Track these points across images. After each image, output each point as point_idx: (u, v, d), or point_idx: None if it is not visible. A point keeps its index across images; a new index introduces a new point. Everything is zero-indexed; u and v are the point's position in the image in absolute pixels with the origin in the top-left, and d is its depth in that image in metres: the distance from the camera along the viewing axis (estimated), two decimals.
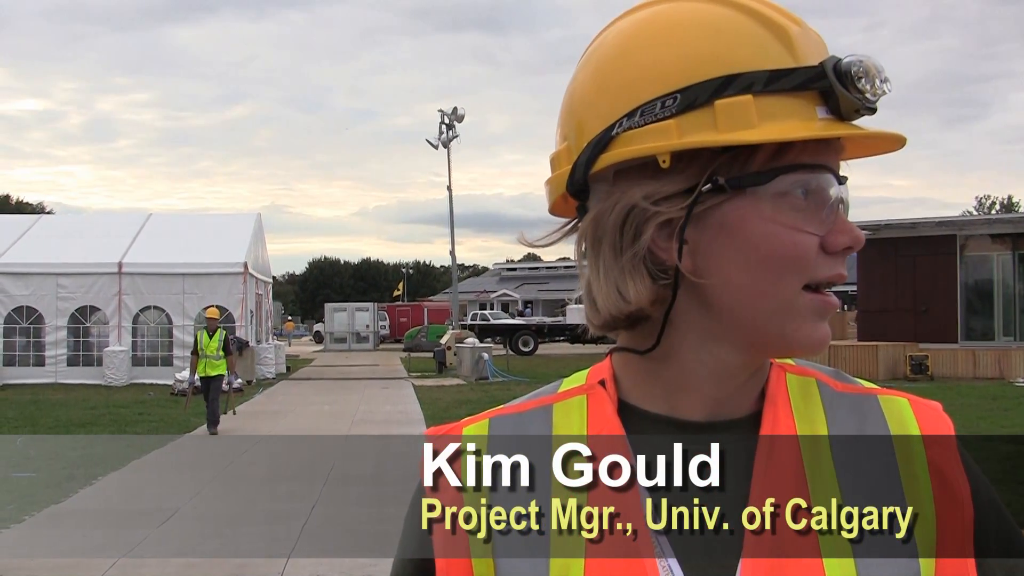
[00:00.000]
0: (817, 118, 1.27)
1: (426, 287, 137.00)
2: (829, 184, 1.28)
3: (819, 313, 1.29)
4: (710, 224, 1.29)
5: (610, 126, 1.31)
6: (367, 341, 77.92)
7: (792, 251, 1.27)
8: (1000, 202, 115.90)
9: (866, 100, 1.27)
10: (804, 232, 1.27)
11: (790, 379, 1.40)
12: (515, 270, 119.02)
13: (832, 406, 1.37)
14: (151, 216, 40.96)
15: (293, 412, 26.69)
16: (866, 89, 1.27)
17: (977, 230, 38.83)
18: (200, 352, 21.96)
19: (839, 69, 1.27)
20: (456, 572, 1.32)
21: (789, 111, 1.27)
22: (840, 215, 1.29)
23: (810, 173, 1.27)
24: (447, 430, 1.40)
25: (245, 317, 36.94)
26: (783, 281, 1.28)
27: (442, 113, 58.61)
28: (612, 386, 1.39)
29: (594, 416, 1.37)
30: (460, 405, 26.60)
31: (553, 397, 1.41)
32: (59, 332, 35.99)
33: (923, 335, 36.80)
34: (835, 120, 1.27)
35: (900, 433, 1.34)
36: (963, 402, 25.20)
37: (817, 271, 1.28)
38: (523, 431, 1.37)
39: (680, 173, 1.29)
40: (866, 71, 1.27)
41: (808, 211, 1.27)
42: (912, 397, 1.40)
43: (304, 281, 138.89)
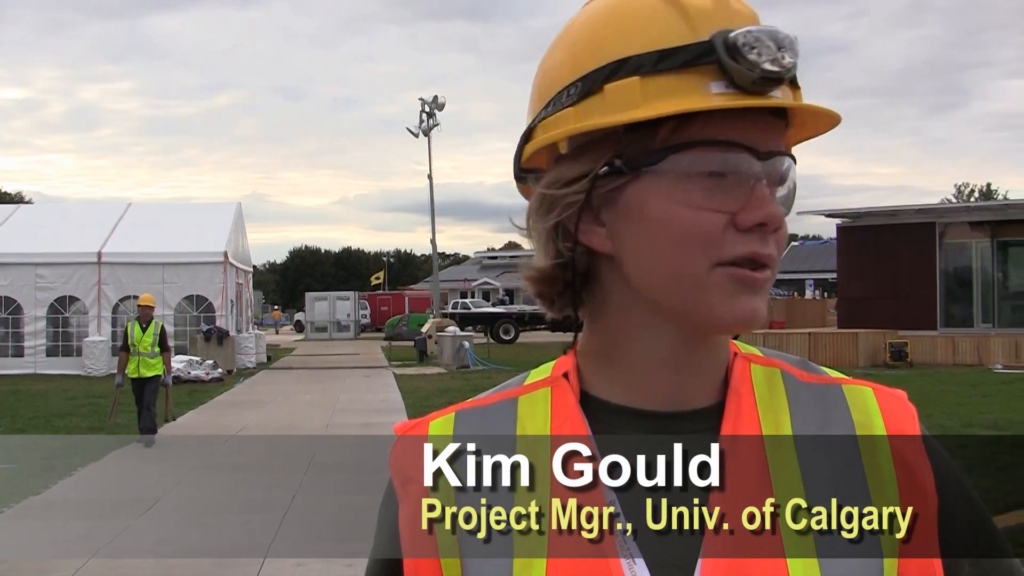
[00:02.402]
0: (711, 93, 1.26)
1: (407, 276, 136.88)
2: (741, 161, 1.27)
3: (735, 288, 1.27)
4: (620, 206, 1.31)
5: (533, 119, 1.38)
6: (348, 330, 77.81)
7: (692, 230, 1.27)
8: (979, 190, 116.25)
9: (764, 72, 1.24)
10: (707, 210, 1.26)
11: (755, 370, 1.39)
12: (496, 258, 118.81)
13: (797, 397, 1.37)
14: (131, 206, 40.87)
15: (274, 402, 26.67)
16: (759, 61, 1.24)
17: (957, 218, 38.99)
18: (131, 347, 18.43)
19: (728, 42, 1.25)
20: (424, 572, 1.31)
21: (677, 89, 1.27)
22: (756, 192, 1.27)
23: (713, 150, 1.26)
24: (413, 426, 1.41)
25: (225, 307, 36.90)
26: (689, 260, 1.28)
27: (423, 101, 58.54)
28: (575, 378, 1.39)
29: (557, 410, 1.37)
30: (441, 394, 26.62)
31: (519, 390, 1.42)
32: (38, 322, 35.90)
33: (903, 322, 36.92)
34: (737, 94, 1.26)
35: (864, 422, 1.34)
36: (942, 389, 25.30)
37: (726, 249, 1.26)
38: (488, 426, 1.37)
39: (584, 157, 1.33)
40: (756, 41, 1.25)
41: (718, 189, 1.26)
42: (876, 386, 1.39)
43: (285, 270, 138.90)
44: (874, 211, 39.26)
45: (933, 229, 37.94)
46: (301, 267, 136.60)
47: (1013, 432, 17.37)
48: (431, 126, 58.29)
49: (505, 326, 57.47)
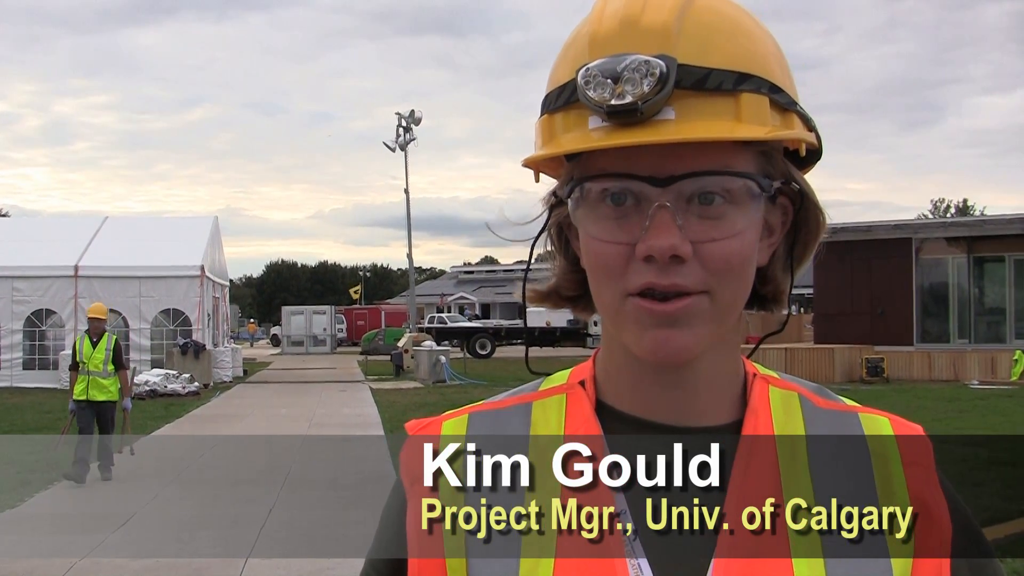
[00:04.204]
0: (588, 130, 1.27)
1: (383, 290, 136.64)
2: (637, 190, 1.25)
3: (644, 319, 1.27)
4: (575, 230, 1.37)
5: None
6: (324, 344, 77.57)
7: (597, 261, 1.29)
8: (955, 205, 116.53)
9: (611, 107, 1.23)
10: (610, 242, 1.27)
11: (772, 392, 1.39)
12: (472, 273, 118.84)
13: (813, 421, 1.37)
14: (107, 219, 40.69)
15: (250, 415, 26.58)
16: (602, 97, 1.23)
17: (932, 233, 39.07)
18: (80, 365, 15.97)
19: (577, 80, 1.26)
20: (430, 572, 1.32)
21: (567, 125, 1.30)
22: (654, 221, 1.24)
23: (610, 181, 1.27)
24: (425, 426, 1.42)
25: (202, 320, 36.78)
26: (604, 289, 1.30)
27: (399, 116, 58.56)
28: (591, 386, 1.40)
29: (572, 416, 1.37)
30: (417, 408, 26.56)
31: (533, 395, 1.43)
32: (14, 336, 35.72)
33: (879, 338, 37.01)
34: (610, 127, 1.25)
35: (879, 451, 1.33)
36: (919, 404, 25.35)
37: (630, 280, 1.26)
38: (501, 428, 1.38)
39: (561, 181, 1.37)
40: (592, 78, 1.24)
41: (622, 219, 1.27)
42: (894, 417, 1.40)
43: (261, 284, 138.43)
44: (850, 226, 39.34)
45: (909, 245, 38.04)
46: (277, 281, 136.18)
47: (989, 448, 17.43)
48: (408, 140, 58.32)
49: (481, 341, 57.41)
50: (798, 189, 1.35)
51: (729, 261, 1.26)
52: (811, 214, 1.39)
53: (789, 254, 1.40)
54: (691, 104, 1.24)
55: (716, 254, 1.25)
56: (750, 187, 1.27)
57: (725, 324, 1.31)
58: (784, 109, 1.31)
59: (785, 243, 1.39)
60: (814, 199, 1.38)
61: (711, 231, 1.25)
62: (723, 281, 1.26)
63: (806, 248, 1.41)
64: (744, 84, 1.26)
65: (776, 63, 1.32)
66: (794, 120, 1.32)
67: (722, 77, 1.25)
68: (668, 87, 1.22)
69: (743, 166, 1.27)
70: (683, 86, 1.23)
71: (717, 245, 1.25)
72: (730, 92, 1.25)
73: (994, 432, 19.65)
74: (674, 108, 1.23)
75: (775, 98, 1.29)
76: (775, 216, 1.36)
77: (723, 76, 1.25)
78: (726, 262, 1.26)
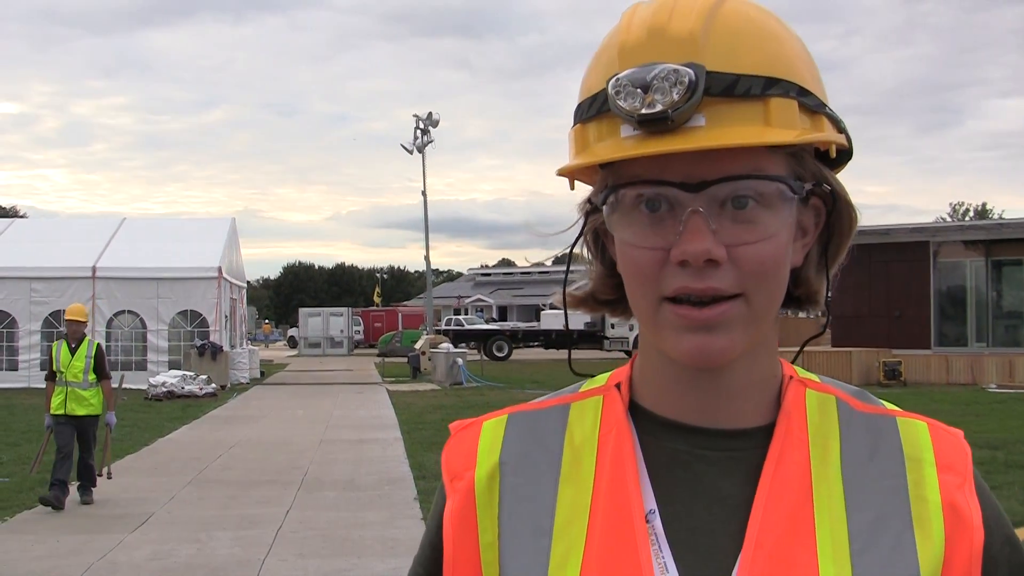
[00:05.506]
0: (621, 138, 1.28)
1: (400, 292, 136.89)
2: (670, 197, 1.26)
3: (679, 324, 1.28)
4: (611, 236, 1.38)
5: None
6: (341, 346, 77.83)
7: (632, 266, 1.30)
8: (974, 209, 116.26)
9: (642, 116, 1.23)
10: (642, 248, 1.28)
11: (809, 395, 1.39)
12: (489, 275, 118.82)
13: (848, 424, 1.37)
14: (125, 220, 40.85)
15: (267, 417, 26.63)
16: (633, 106, 1.24)
17: (950, 236, 38.99)
18: (58, 375, 14.30)
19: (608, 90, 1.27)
20: (463, 559, 1.37)
21: (600, 134, 1.31)
22: (689, 227, 1.25)
23: (644, 187, 1.27)
24: (467, 426, 1.47)
25: (220, 322, 36.86)
26: (640, 295, 1.31)
27: (417, 118, 58.66)
28: (627, 389, 1.42)
29: (607, 417, 1.40)
30: (434, 410, 26.61)
31: (572, 396, 1.46)
32: (32, 336, 35.87)
33: (896, 341, 36.94)
34: (642, 135, 1.25)
35: (914, 455, 1.34)
36: (936, 408, 25.28)
37: (664, 285, 1.27)
38: (539, 429, 1.42)
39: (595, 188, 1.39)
40: (623, 87, 1.25)
41: (657, 225, 1.27)
42: (932, 422, 1.39)
43: (279, 286, 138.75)
44: (867, 229, 39.25)
45: (927, 248, 37.97)
46: (294, 283, 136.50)
47: (1006, 451, 17.39)
48: (425, 142, 58.39)
49: (498, 343, 57.50)
50: (830, 190, 1.35)
51: (763, 264, 1.27)
52: (843, 214, 1.39)
53: (823, 255, 1.40)
54: (721, 110, 1.24)
55: (750, 257, 1.26)
56: (782, 190, 1.28)
57: (761, 327, 1.32)
58: (813, 112, 1.31)
59: (819, 244, 1.40)
60: (847, 199, 1.38)
61: (744, 235, 1.26)
62: (758, 284, 1.27)
63: (839, 248, 1.41)
64: (772, 88, 1.26)
65: (804, 66, 1.33)
66: (823, 122, 1.32)
67: (750, 83, 1.25)
68: (697, 95, 1.22)
69: (774, 169, 1.28)
70: (712, 93, 1.23)
71: (751, 248, 1.26)
72: (759, 97, 1.26)
73: (1012, 436, 19.59)
74: (704, 115, 1.24)
75: (804, 101, 1.29)
76: (808, 217, 1.37)
77: (751, 81, 1.25)
78: (760, 265, 1.27)
